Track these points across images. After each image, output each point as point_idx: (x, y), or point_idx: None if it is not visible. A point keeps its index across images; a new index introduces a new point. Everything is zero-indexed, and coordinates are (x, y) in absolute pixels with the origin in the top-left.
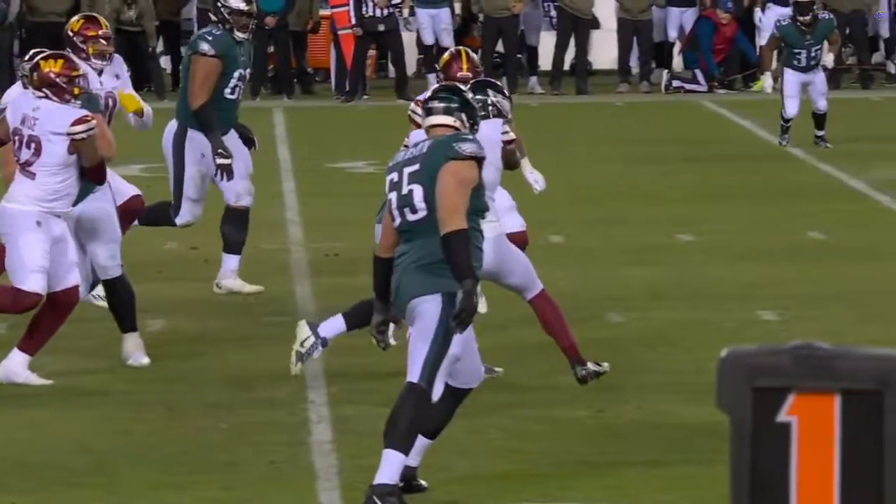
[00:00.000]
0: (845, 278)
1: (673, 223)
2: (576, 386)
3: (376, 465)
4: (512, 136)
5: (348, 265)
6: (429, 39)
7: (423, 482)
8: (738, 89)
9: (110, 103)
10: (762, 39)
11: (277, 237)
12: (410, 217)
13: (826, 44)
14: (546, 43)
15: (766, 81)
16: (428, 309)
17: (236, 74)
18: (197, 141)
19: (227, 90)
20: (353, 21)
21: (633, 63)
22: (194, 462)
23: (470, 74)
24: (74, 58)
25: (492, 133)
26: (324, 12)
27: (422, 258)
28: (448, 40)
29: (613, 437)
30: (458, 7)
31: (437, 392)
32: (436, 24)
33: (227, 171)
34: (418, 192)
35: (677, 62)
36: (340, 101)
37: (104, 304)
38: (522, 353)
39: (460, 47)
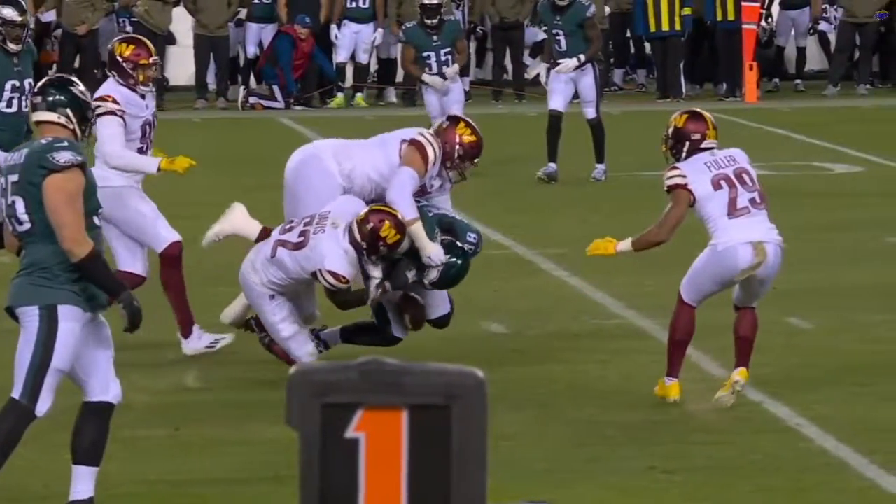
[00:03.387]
0: None
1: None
2: (153, 405)
3: None
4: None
5: None
6: None
7: None
8: (315, 106)
9: (155, 124)
10: (339, 56)
11: None
12: (18, 228)
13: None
14: None
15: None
16: (28, 321)
17: (8, 86)
18: None
19: (2, 104)
20: None
21: (210, 79)
22: None
23: None
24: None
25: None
26: None
27: (27, 267)
28: None
29: (190, 456)
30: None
31: (42, 406)
32: None
33: None
34: (20, 204)
35: (254, 79)
36: None
37: None
38: None
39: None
